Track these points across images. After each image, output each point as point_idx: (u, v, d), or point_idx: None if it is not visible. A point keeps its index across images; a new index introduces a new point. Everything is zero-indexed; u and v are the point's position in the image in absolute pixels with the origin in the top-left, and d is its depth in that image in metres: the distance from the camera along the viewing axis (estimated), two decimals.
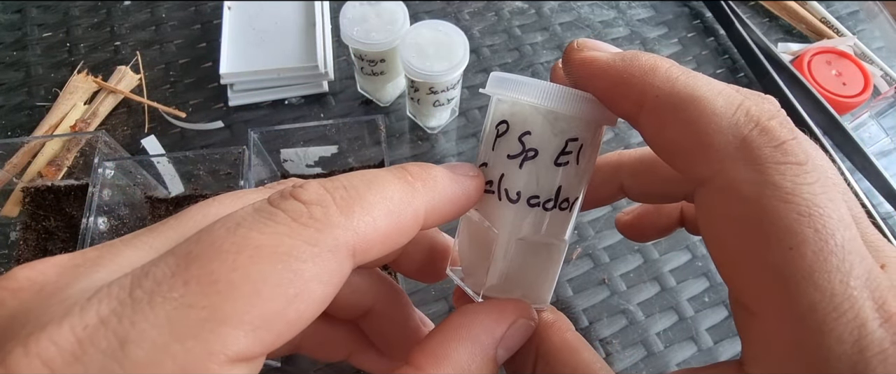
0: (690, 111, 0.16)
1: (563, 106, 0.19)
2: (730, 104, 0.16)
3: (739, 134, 0.16)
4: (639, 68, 0.18)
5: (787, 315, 0.15)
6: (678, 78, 0.17)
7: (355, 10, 0.42)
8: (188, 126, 0.47)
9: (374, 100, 0.49)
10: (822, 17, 0.56)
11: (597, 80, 0.19)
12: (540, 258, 0.21)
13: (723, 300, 0.41)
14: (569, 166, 0.20)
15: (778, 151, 0.15)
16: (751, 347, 0.16)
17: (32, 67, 0.50)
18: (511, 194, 0.20)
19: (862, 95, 0.49)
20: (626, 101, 0.18)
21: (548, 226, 0.20)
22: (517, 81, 0.20)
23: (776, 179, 0.15)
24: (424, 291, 0.40)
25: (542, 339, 0.21)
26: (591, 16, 0.56)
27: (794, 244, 0.14)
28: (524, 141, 0.20)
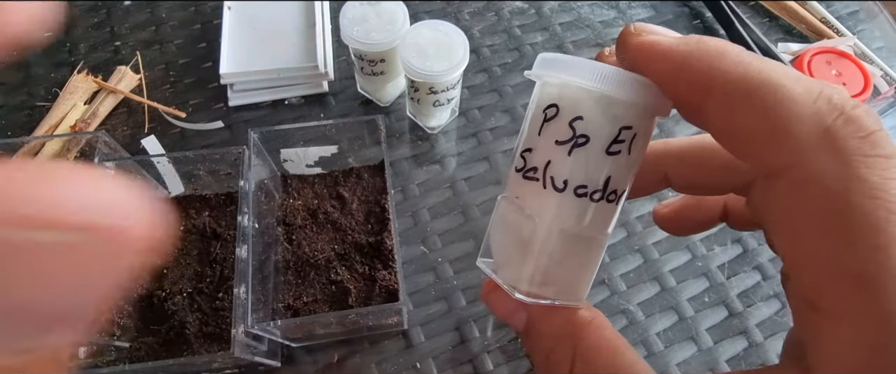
0: (767, 97, 0.15)
1: (619, 90, 0.18)
2: (810, 91, 0.15)
3: (822, 123, 0.15)
4: (706, 52, 0.17)
5: (868, 318, 0.14)
6: (750, 63, 0.16)
7: (355, 10, 0.42)
8: (188, 126, 0.47)
9: (374, 100, 0.49)
10: (822, 17, 0.56)
11: (658, 64, 0.18)
12: (580, 253, 0.20)
13: (723, 300, 0.41)
14: (620, 156, 0.19)
15: (865, 143, 0.14)
16: (822, 349, 0.15)
17: (32, 67, 0.50)
18: (557, 181, 0.19)
19: (862, 95, 0.49)
20: (691, 86, 0.17)
21: (592, 218, 0.19)
22: (569, 62, 0.18)
23: (863, 173, 0.14)
24: (424, 291, 0.40)
25: (580, 338, 0.20)
26: (591, 16, 0.56)
27: (881, 244, 0.14)
28: (575, 126, 0.18)
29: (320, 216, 0.41)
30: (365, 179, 0.43)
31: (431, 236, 0.43)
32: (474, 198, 0.45)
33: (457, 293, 0.40)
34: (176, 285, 0.38)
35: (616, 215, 0.20)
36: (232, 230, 0.40)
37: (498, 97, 0.50)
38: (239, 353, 0.31)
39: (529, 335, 0.22)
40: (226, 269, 0.39)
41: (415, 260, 0.42)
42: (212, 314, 0.37)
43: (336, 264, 0.39)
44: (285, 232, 0.40)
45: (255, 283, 0.33)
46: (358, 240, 0.40)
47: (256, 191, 0.36)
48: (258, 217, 0.36)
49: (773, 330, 0.40)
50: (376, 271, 0.38)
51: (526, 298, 0.20)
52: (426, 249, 0.42)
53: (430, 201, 0.44)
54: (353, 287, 0.37)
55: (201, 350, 0.36)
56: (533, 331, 0.22)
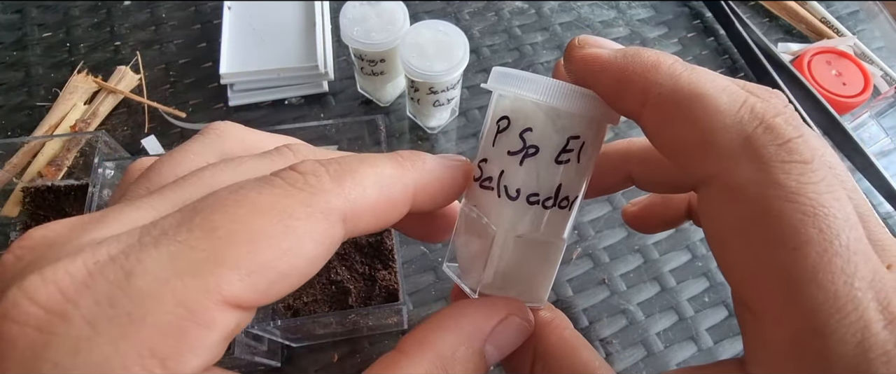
0: (694, 108, 0.16)
1: (564, 103, 0.19)
2: (734, 101, 0.16)
3: (743, 132, 0.15)
4: (641, 65, 0.17)
5: (789, 316, 0.15)
6: (681, 74, 0.17)
7: (355, 10, 0.42)
8: (188, 126, 0.47)
9: (374, 100, 0.49)
10: (822, 17, 0.56)
11: (598, 76, 0.19)
12: (537, 257, 0.21)
13: (723, 300, 0.41)
14: (570, 164, 0.20)
15: (783, 150, 0.15)
16: (753, 347, 0.16)
17: (32, 67, 0.50)
18: (510, 190, 0.20)
19: (862, 95, 0.49)
20: (628, 98, 0.18)
21: (546, 224, 0.20)
22: (519, 77, 0.19)
23: (780, 178, 0.15)
24: (424, 291, 0.40)
25: (539, 338, 0.21)
26: (590, 16, 0.56)
27: (797, 245, 0.14)
28: (525, 137, 0.19)
29: None
30: None
31: None
32: None
33: None
34: None
35: (571, 220, 0.21)
36: None
37: None
38: (239, 353, 0.30)
39: None
40: None
41: (415, 260, 0.42)
42: None
43: (336, 264, 0.39)
44: None
45: None
46: (358, 240, 0.40)
47: None
48: None
49: None
50: (376, 271, 0.38)
51: None
52: (426, 249, 0.42)
53: None
54: (353, 287, 0.37)
55: None
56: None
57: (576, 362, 0.20)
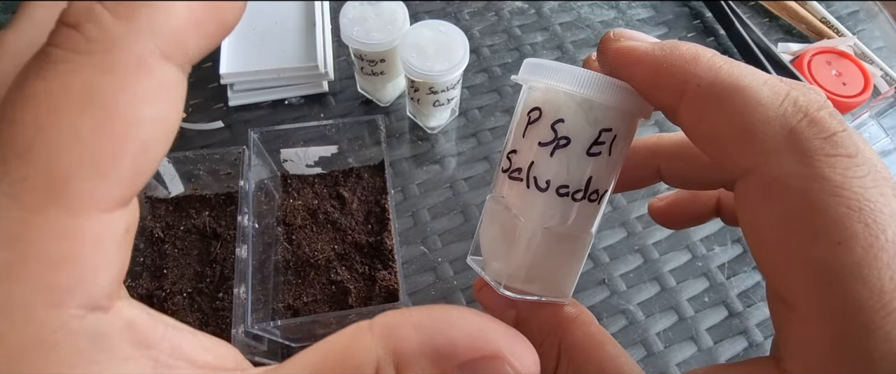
0: (735, 101, 0.16)
1: (598, 94, 0.19)
2: (776, 94, 0.16)
3: (787, 125, 0.15)
4: (680, 57, 0.17)
5: (831, 312, 0.14)
6: (721, 67, 0.17)
7: (355, 10, 0.42)
8: (188, 126, 0.47)
9: (374, 100, 0.49)
10: (822, 17, 0.56)
11: (635, 69, 0.18)
12: (564, 250, 0.21)
13: (723, 300, 0.41)
14: (601, 157, 0.19)
15: (827, 143, 0.15)
16: (790, 343, 0.16)
17: None
18: (540, 182, 0.20)
19: (862, 95, 0.49)
20: (665, 90, 0.18)
21: (575, 217, 0.20)
22: (552, 68, 0.19)
23: (825, 172, 0.15)
24: (424, 291, 0.40)
25: (565, 333, 0.21)
26: (591, 16, 0.56)
27: (842, 239, 0.14)
28: (557, 129, 0.19)
29: (320, 216, 0.41)
30: (365, 179, 0.43)
31: (431, 236, 0.43)
32: (474, 198, 0.45)
33: (457, 293, 0.40)
34: (176, 285, 0.38)
35: (599, 215, 0.21)
36: (232, 230, 0.40)
37: (498, 97, 0.50)
38: None
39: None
40: (226, 269, 0.39)
41: (415, 260, 0.42)
42: (212, 314, 0.37)
43: (336, 264, 0.39)
44: (285, 232, 0.40)
45: (255, 283, 0.33)
46: (358, 240, 0.40)
47: (256, 191, 0.36)
48: (258, 217, 0.36)
49: (773, 330, 0.40)
50: (376, 271, 0.38)
51: (512, 294, 0.21)
52: (426, 249, 0.42)
53: (430, 201, 0.44)
54: (353, 287, 0.37)
55: None
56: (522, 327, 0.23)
57: (602, 356, 0.20)
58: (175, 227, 0.40)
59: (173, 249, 0.40)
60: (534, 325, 0.23)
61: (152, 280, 0.38)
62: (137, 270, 0.39)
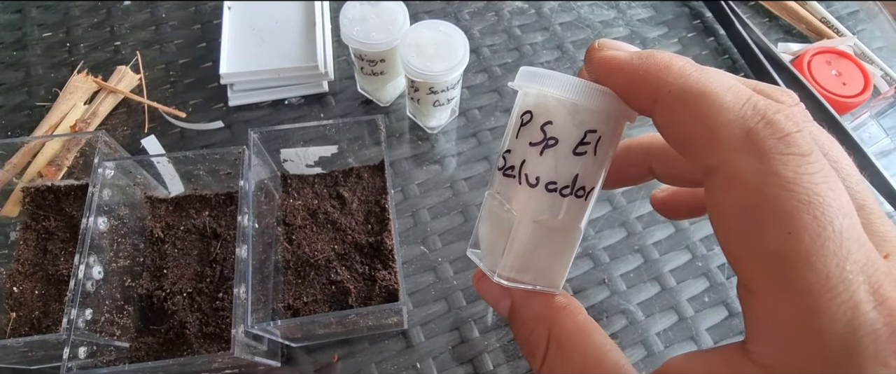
0: (700, 106, 0.18)
1: (583, 99, 0.20)
2: (738, 99, 0.17)
3: (745, 126, 0.17)
4: (654, 65, 0.19)
5: (785, 295, 0.16)
6: (690, 74, 0.18)
7: (355, 10, 0.42)
8: (188, 126, 0.47)
9: (374, 100, 0.49)
10: (822, 17, 0.56)
11: (615, 76, 0.20)
12: (555, 243, 0.23)
13: (723, 300, 0.41)
14: (586, 156, 0.21)
15: (781, 143, 0.16)
16: (752, 326, 0.17)
17: (32, 66, 0.50)
18: (531, 178, 0.21)
19: (862, 95, 0.49)
20: (641, 96, 0.19)
21: (564, 212, 0.22)
22: (543, 75, 0.21)
23: (778, 169, 0.16)
24: (424, 291, 0.40)
25: (554, 322, 0.23)
26: (590, 16, 0.56)
27: (793, 229, 0.15)
28: (546, 130, 0.21)
29: (320, 216, 0.41)
30: (365, 179, 0.43)
31: (431, 236, 0.43)
32: (474, 198, 0.44)
33: (457, 293, 0.40)
34: (176, 285, 0.38)
35: (587, 210, 0.23)
36: (232, 230, 0.40)
37: (498, 97, 0.50)
38: (239, 353, 0.31)
39: (513, 319, 0.25)
40: (226, 269, 0.39)
41: (415, 260, 0.42)
42: (212, 314, 0.37)
43: (336, 264, 0.39)
44: (285, 232, 0.40)
45: (255, 283, 0.33)
46: (358, 240, 0.40)
47: (256, 191, 0.36)
48: (258, 217, 0.36)
49: None
50: (376, 271, 0.38)
51: (506, 282, 0.23)
52: (426, 249, 0.42)
53: (430, 201, 0.44)
54: (353, 287, 0.37)
55: (201, 350, 0.36)
56: (516, 315, 0.25)
57: (588, 344, 0.22)
58: (175, 227, 0.40)
59: (173, 249, 0.40)
60: (526, 313, 0.24)
61: (152, 280, 0.38)
62: (137, 270, 0.39)
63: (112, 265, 0.36)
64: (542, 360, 0.23)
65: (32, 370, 0.37)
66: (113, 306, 0.35)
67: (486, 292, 0.26)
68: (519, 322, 0.24)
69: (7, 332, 0.36)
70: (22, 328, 0.36)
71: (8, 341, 0.31)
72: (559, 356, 0.22)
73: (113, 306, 0.35)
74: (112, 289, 0.35)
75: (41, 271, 0.38)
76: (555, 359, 0.22)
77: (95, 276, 0.34)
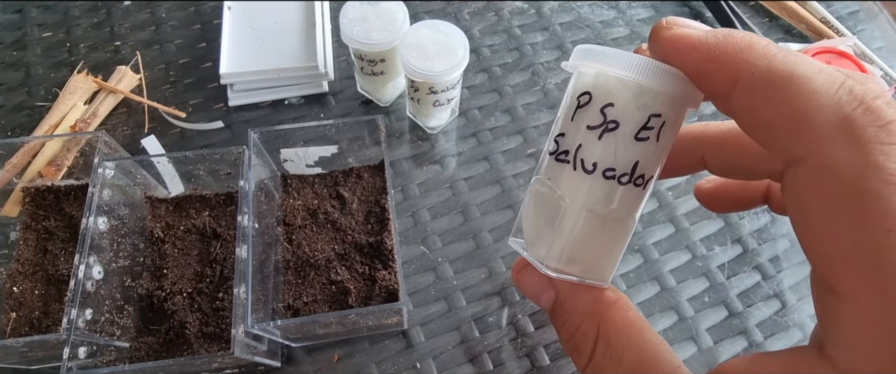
0: (789, 89, 0.16)
1: (650, 80, 0.19)
2: (831, 82, 0.16)
3: (841, 113, 0.15)
4: (734, 45, 0.17)
5: (880, 299, 0.14)
6: (776, 55, 0.17)
7: (355, 10, 0.42)
8: (188, 126, 0.47)
9: (374, 100, 0.49)
10: (822, 17, 0.56)
11: (688, 56, 0.18)
12: (607, 234, 0.21)
13: (723, 300, 0.41)
14: (648, 143, 0.20)
15: (883, 132, 0.15)
16: (836, 330, 0.16)
17: (32, 66, 0.50)
18: (587, 164, 0.20)
19: None
20: (718, 77, 0.18)
21: (620, 201, 0.20)
22: (604, 53, 0.19)
23: (879, 160, 0.14)
24: (424, 291, 0.40)
25: (603, 318, 0.21)
26: (591, 16, 0.56)
27: (894, 226, 0.14)
28: (606, 113, 0.19)
29: (320, 216, 0.41)
30: (365, 179, 0.43)
31: (431, 236, 0.43)
32: (474, 198, 0.45)
33: (457, 293, 0.40)
34: (176, 285, 0.38)
35: (644, 200, 0.21)
36: (232, 230, 0.40)
37: (498, 97, 0.50)
38: (239, 353, 0.31)
39: (557, 313, 0.23)
40: (226, 269, 0.39)
41: (415, 260, 0.42)
42: (212, 314, 0.37)
43: (336, 264, 0.39)
44: (285, 232, 0.40)
45: (255, 283, 0.33)
46: (358, 240, 0.40)
47: (256, 191, 0.36)
48: (258, 217, 0.36)
49: (773, 330, 0.40)
50: (376, 271, 0.38)
51: (553, 273, 0.21)
52: (426, 249, 0.42)
53: (430, 200, 0.44)
54: (353, 287, 0.37)
55: (201, 350, 0.36)
56: (560, 309, 0.23)
57: (641, 342, 0.20)
58: (175, 227, 0.40)
59: (173, 249, 0.40)
60: (571, 307, 0.23)
61: (152, 280, 0.38)
62: (137, 270, 0.39)
63: (112, 265, 0.36)
64: (590, 358, 0.21)
65: (32, 370, 0.37)
66: (113, 306, 0.35)
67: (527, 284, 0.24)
68: (563, 317, 0.23)
69: (7, 332, 0.36)
70: (22, 328, 0.36)
71: (8, 341, 0.31)
72: (609, 354, 0.21)
73: (113, 306, 0.35)
74: (112, 289, 0.35)
75: (41, 271, 0.39)
76: (604, 357, 0.21)
77: (95, 276, 0.34)
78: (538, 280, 0.23)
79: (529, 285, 0.24)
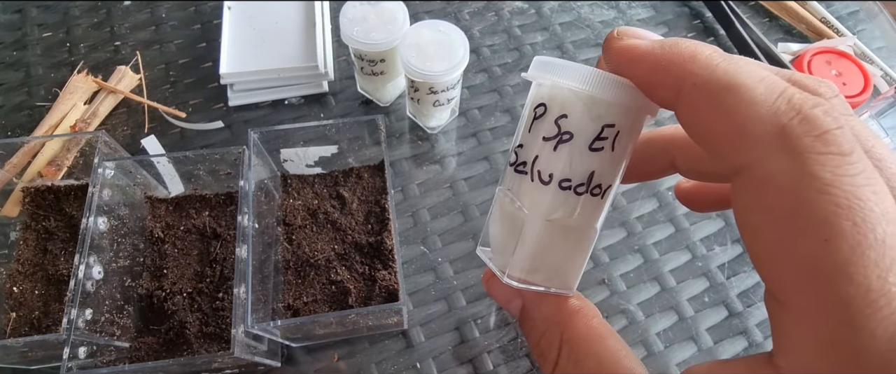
0: (728, 99, 0.16)
1: (600, 91, 0.19)
2: (771, 92, 0.16)
3: (778, 123, 0.15)
4: (678, 55, 0.17)
5: (819, 309, 0.14)
6: (718, 65, 0.17)
7: (355, 10, 0.42)
8: (188, 126, 0.47)
9: (374, 100, 0.49)
10: (822, 17, 0.56)
11: (636, 66, 0.19)
12: (568, 243, 0.21)
13: (723, 300, 0.41)
14: (603, 152, 0.20)
15: (818, 141, 0.15)
16: (781, 339, 0.16)
17: (32, 67, 0.50)
18: (544, 175, 0.20)
19: (862, 95, 0.49)
20: (663, 87, 0.18)
21: (579, 211, 0.20)
22: (558, 65, 0.20)
23: (815, 170, 0.14)
24: (424, 291, 0.40)
25: (567, 325, 0.21)
26: (591, 16, 0.56)
27: (829, 237, 0.14)
28: (560, 124, 0.20)
29: (320, 216, 0.41)
30: (365, 179, 0.43)
31: (431, 236, 0.43)
32: (474, 198, 0.45)
33: (457, 293, 0.40)
34: (176, 285, 0.38)
35: (603, 209, 0.21)
36: (232, 230, 0.40)
37: (498, 97, 0.50)
38: (239, 353, 0.30)
39: (524, 321, 0.24)
40: (226, 269, 0.39)
41: (415, 260, 0.42)
42: (212, 314, 0.37)
43: (336, 264, 0.39)
44: (285, 232, 0.40)
45: (255, 283, 0.33)
46: (358, 240, 0.40)
47: (256, 191, 0.36)
48: (258, 217, 0.36)
49: None
50: (376, 271, 0.38)
51: (516, 283, 0.21)
52: (426, 249, 0.42)
53: (430, 201, 0.44)
54: (353, 287, 0.37)
55: (201, 350, 0.36)
56: (527, 317, 0.24)
57: (602, 349, 0.20)
58: (175, 227, 0.40)
59: (173, 249, 0.40)
60: (537, 315, 0.23)
61: (152, 280, 0.38)
62: (137, 270, 0.38)
63: (112, 265, 0.36)
64: (555, 364, 0.22)
65: (32, 370, 0.37)
66: (113, 306, 0.35)
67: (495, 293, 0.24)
68: (530, 324, 0.23)
69: (7, 332, 0.36)
70: (22, 328, 0.36)
71: (8, 341, 0.31)
72: (572, 360, 0.21)
73: (113, 306, 0.35)
74: (112, 289, 0.35)
75: (41, 271, 0.39)
76: (567, 364, 0.21)
77: (95, 276, 0.34)
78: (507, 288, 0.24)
79: (498, 293, 0.25)
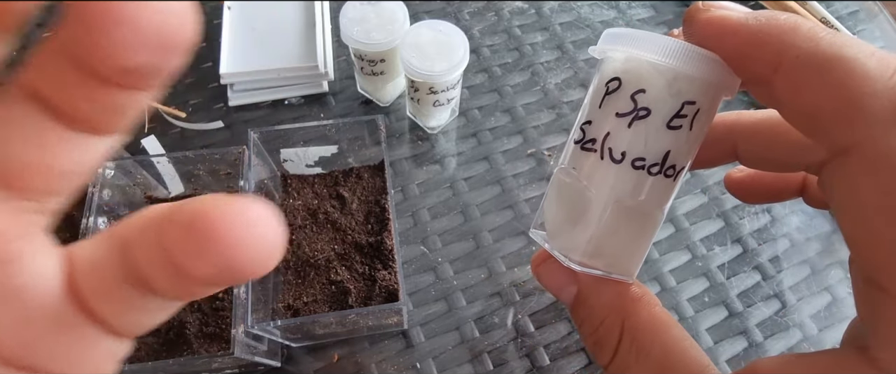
0: (837, 72, 0.15)
1: (685, 65, 0.18)
2: (885, 67, 0.15)
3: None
4: (777, 27, 0.16)
5: None
6: (823, 37, 0.16)
7: (355, 10, 0.42)
8: (188, 126, 0.47)
9: (374, 100, 0.49)
10: (822, 17, 0.56)
11: (727, 40, 0.17)
12: (634, 227, 0.20)
13: (723, 300, 0.41)
14: (681, 131, 0.19)
15: None
16: (884, 329, 0.15)
17: None
18: (615, 153, 0.19)
19: None
20: (759, 61, 0.17)
21: (648, 192, 0.19)
22: (635, 36, 0.19)
23: None
24: (424, 291, 0.40)
25: (628, 314, 0.20)
26: (591, 16, 0.56)
27: None
28: (637, 99, 0.18)
29: (320, 216, 0.41)
30: (365, 179, 0.43)
31: (431, 236, 0.43)
32: (474, 198, 0.45)
33: (457, 293, 0.40)
34: None
35: (674, 192, 0.20)
36: None
37: (498, 97, 0.50)
38: (239, 353, 0.31)
39: (579, 308, 0.22)
40: None
41: (415, 260, 0.42)
42: (212, 314, 0.37)
43: (336, 264, 0.39)
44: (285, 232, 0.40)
45: (255, 283, 0.33)
46: (358, 240, 0.40)
47: (256, 191, 0.36)
48: None
49: (773, 330, 0.40)
50: (376, 271, 0.38)
51: (577, 267, 0.20)
52: (426, 249, 0.42)
53: (430, 200, 0.44)
54: (353, 287, 0.37)
55: (201, 350, 0.36)
56: (583, 304, 0.22)
57: (667, 338, 0.20)
58: None
59: None
60: (595, 303, 0.22)
61: None
62: None
63: None
64: (614, 353, 0.21)
65: None
66: None
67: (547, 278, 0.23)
68: (586, 312, 0.22)
69: None
70: None
71: None
72: (634, 350, 0.20)
73: None
74: None
75: None
76: (628, 354, 0.20)
77: None
78: (560, 274, 0.22)
79: (551, 278, 0.23)
